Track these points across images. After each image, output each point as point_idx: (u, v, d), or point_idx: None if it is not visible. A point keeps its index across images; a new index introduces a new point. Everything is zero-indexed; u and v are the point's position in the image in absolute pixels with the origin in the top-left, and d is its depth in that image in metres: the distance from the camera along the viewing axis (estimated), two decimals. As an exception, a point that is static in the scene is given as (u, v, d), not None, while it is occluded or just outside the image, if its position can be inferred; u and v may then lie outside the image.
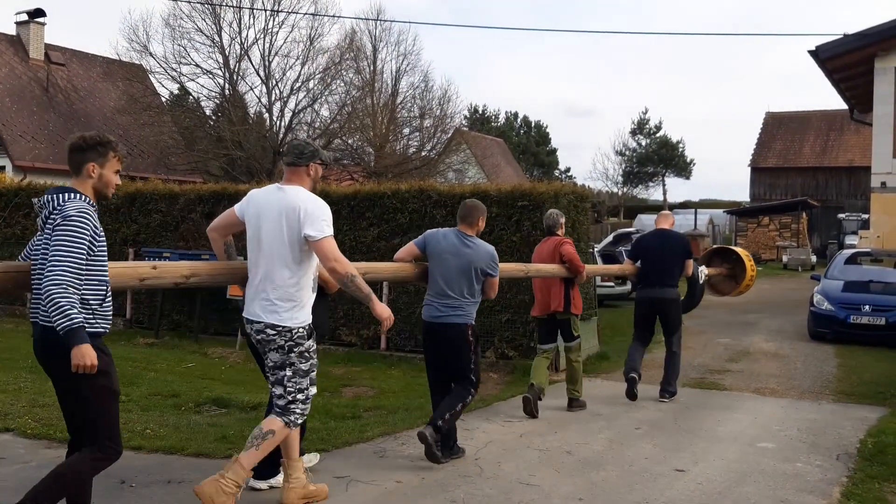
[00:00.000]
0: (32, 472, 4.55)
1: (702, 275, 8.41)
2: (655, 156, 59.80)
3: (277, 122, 25.69)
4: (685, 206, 50.61)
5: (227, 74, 25.01)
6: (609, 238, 19.02)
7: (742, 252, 9.41)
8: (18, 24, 26.43)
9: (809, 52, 18.00)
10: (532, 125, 66.12)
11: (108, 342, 3.95)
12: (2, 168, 22.39)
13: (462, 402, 5.45)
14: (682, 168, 61.02)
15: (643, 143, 60.80)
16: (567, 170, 67.91)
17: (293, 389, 4.23)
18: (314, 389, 4.35)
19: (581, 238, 10.19)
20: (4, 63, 25.14)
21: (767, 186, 40.94)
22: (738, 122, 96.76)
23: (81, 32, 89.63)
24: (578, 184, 33.59)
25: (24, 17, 26.23)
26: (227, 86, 25.29)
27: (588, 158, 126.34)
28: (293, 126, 25.87)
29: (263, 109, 26.09)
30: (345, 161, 26.98)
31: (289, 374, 4.22)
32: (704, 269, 8.64)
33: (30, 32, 26.19)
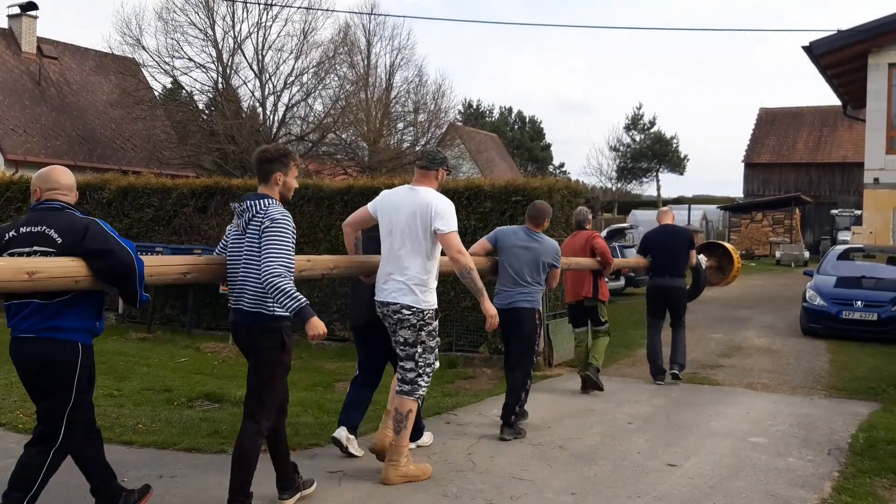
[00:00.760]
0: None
1: (703, 263, 9.21)
2: (649, 151, 59.77)
3: (271, 117, 25.63)
4: (679, 202, 50.58)
5: (221, 68, 24.92)
6: (603, 233, 19.06)
7: (728, 246, 10.45)
8: (10, 17, 26.25)
9: (803, 48, 18.04)
10: (526, 120, 66.02)
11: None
12: (-7, 162, 22.27)
13: (525, 391, 6.15)
14: (676, 164, 61.00)
15: (637, 139, 60.77)
16: (561, 165, 67.88)
17: (423, 364, 4.84)
18: (437, 364, 4.98)
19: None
20: (-4, 56, 25.01)
21: (761, 182, 40.98)
22: (732, 118, 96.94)
23: (74, 26, 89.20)
24: (572, 179, 33.62)
25: (17, 11, 26.06)
26: (221, 80, 25.19)
27: (582, 154, 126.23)
28: (286, 120, 25.82)
29: (257, 104, 26.03)
30: (338, 156, 26.92)
31: (419, 351, 4.83)
32: (703, 259, 9.38)
33: (22, 25, 26.02)
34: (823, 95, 76.04)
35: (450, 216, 4.79)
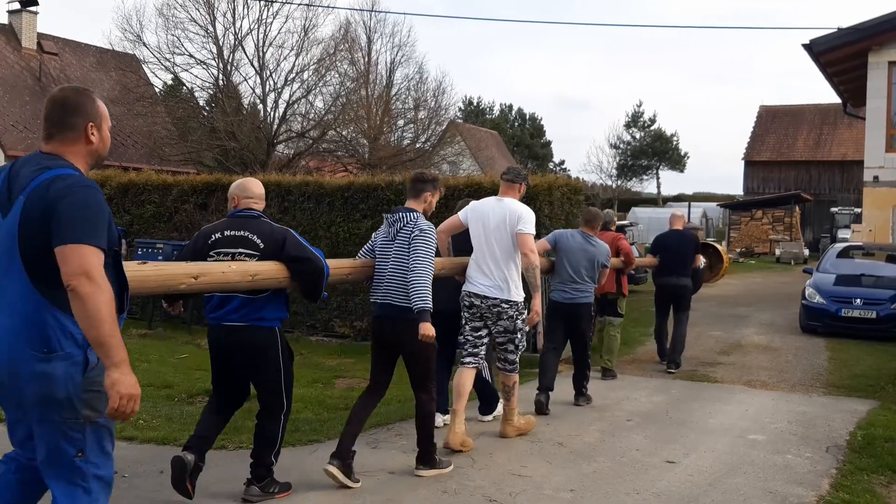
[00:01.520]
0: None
1: (701, 263, 9.96)
2: (649, 149, 59.78)
3: (271, 113, 25.59)
4: (679, 200, 50.56)
5: (221, 65, 24.88)
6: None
7: (718, 246, 11.52)
8: (10, 13, 26.25)
9: (803, 46, 18.03)
10: (527, 117, 66.03)
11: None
12: (-6, 158, 22.29)
13: (588, 367, 7.21)
14: (676, 161, 61.03)
15: (637, 136, 60.79)
16: (561, 162, 67.88)
17: (521, 344, 5.75)
18: (525, 343, 5.82)
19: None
20: (-4, 52, 25.00)
21: (761, 180, 40.95)
22: (732, 116, 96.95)
23: (74, 22, 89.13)
24: (573, 176, 33.57)
25: (16, 6, 26.06)
26: (221, 76, 25.16)
27: (582, 151, 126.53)
28: (287, 117, 25.77)
29: (257, 100, 25.98)
30: (339, 153, 26.90)
31: (518, 336, 5.69)
32: (701, 258, 10.03)
33: (22, 21, 26.02)
34: (823, 93, 75.92)
35: (530, 221, 5.60)
